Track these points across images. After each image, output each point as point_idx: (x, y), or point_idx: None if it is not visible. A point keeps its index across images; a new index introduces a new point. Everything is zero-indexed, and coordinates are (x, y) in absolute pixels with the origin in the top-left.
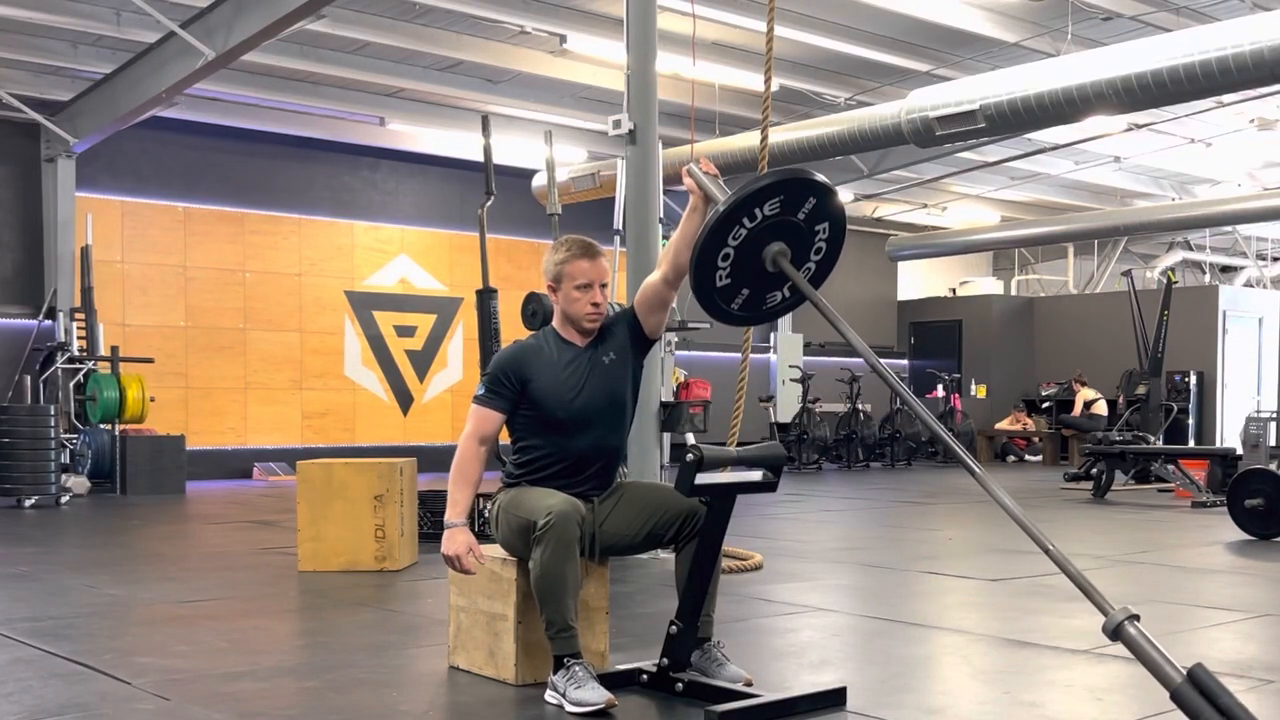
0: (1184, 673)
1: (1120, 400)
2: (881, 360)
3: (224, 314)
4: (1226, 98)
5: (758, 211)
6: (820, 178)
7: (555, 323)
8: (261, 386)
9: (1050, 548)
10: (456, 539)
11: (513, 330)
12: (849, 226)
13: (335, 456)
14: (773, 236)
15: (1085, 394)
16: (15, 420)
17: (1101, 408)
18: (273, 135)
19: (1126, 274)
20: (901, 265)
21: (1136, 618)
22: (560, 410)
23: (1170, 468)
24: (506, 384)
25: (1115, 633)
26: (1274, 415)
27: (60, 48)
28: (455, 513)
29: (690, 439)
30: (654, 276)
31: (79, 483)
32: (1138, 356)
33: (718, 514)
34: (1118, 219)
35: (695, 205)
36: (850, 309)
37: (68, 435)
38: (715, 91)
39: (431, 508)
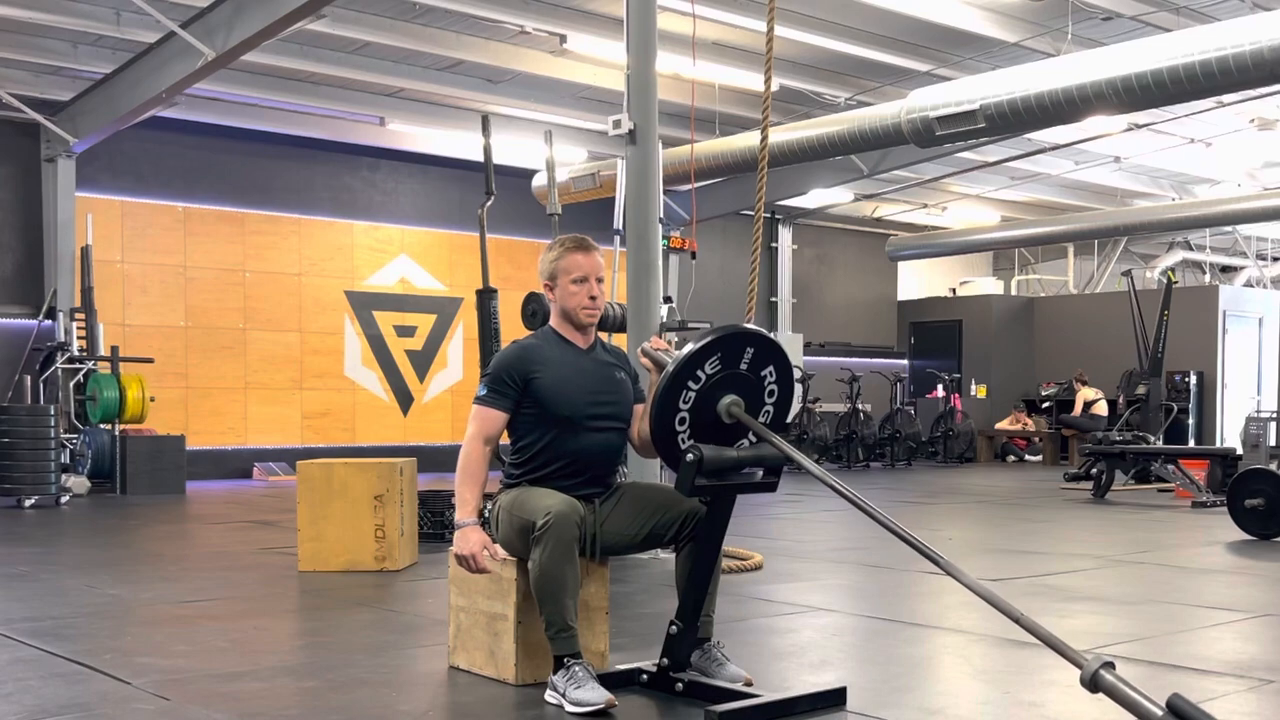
0: (1163, 707)
1: (1120, 400)
2: (882, 360)
3: (224, 314)
4: (1226, 98)
5: (700, 374)
6: (749, 328)
7: (553, 322)
8: (261, 386)
9: (1020, 616)
10: (470, 538)
11: (513, 330)
12: (849, 227)
13: (335, 456)
14: (724, 390)
15: (1085, 394)
16: (15, 420)
17: (1102, 408)
18: (273, 135)
19: (1126, 274)
20: (901, 265)
21: (1111, 665)
22: (564, 407)
23: (1170, 468)
24: (509, 384)
25: (1093, 682)
26: (1274, 415)
27: (60, 48)
28: (465, 512)
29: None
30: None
31: (79, 483)
32: (1138, 356)
33: (718, 514)
34: (1118, 219)
35: (653, 383)
36: (850, 309)
37: (68, 435)
38: (715, 91)
39: (431, 508)
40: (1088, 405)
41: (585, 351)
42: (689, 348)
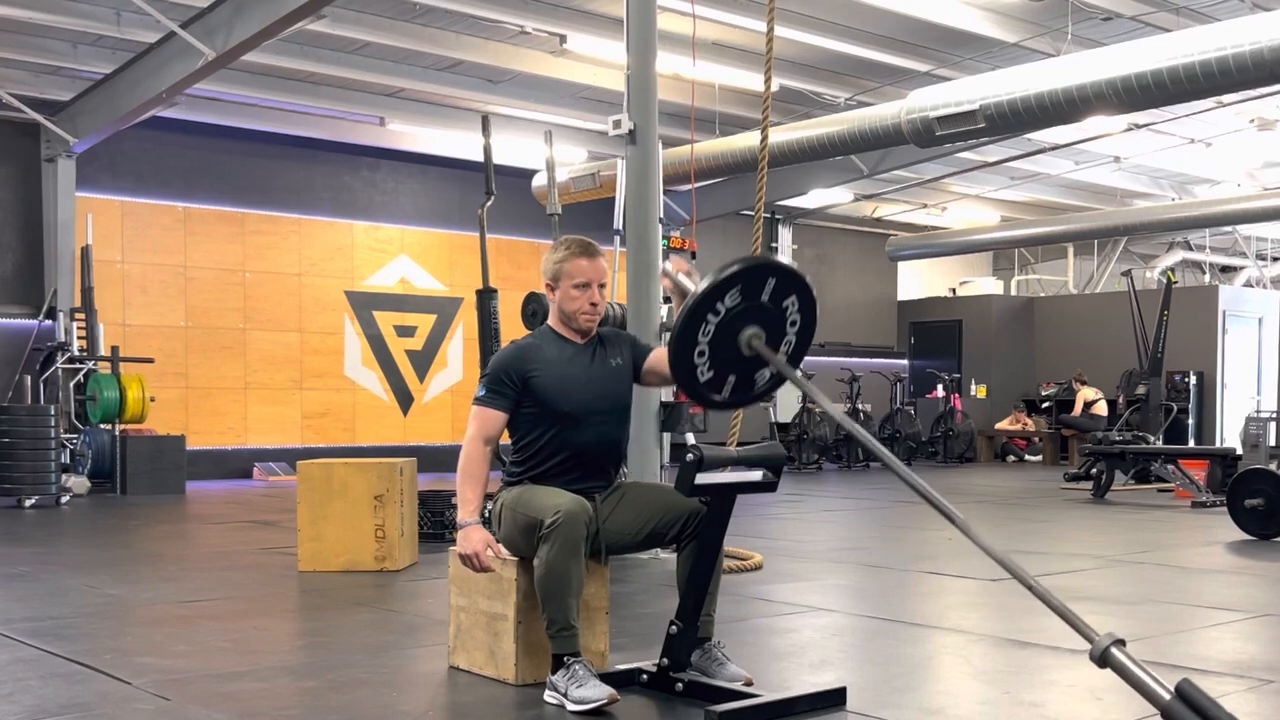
0: (1172, 690)
1: (1120, 400)
2: (882, 360)
3: (224, 314)
4: (1226, 98)
5: (720, 306)
6: (775, 260)
7: (552, 321)
8: (261, 386)
9: (1034, 584)
10: (472, 537)
11: (513, 330)
12: (849, 227)
13: (335, 456)
14: (745, 322)
15: (1086, 394)
16: (15, 420)
17: (1102, 408)
18: (273, 135)
19: (1126, 274)
20: (901, 265)
21: (1122, 642)
22: (564, 403)
23: (1170, 468)
24: (508, 383)
25: (1102, 658)
26: (1274, 415)
27: (60, 48)
28: (467, 511)
29: (690, 439)
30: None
31: (79, 483)
32: (1138, 356)
33: (718, 514)
34: (1118, 219)
35: (677, 304)
36: (850, 309)
37: (68, 435)
38: (715, 91)
39: (431, 508)
40: (1088, 405)
41: (583, 347)
42: (708, 280)
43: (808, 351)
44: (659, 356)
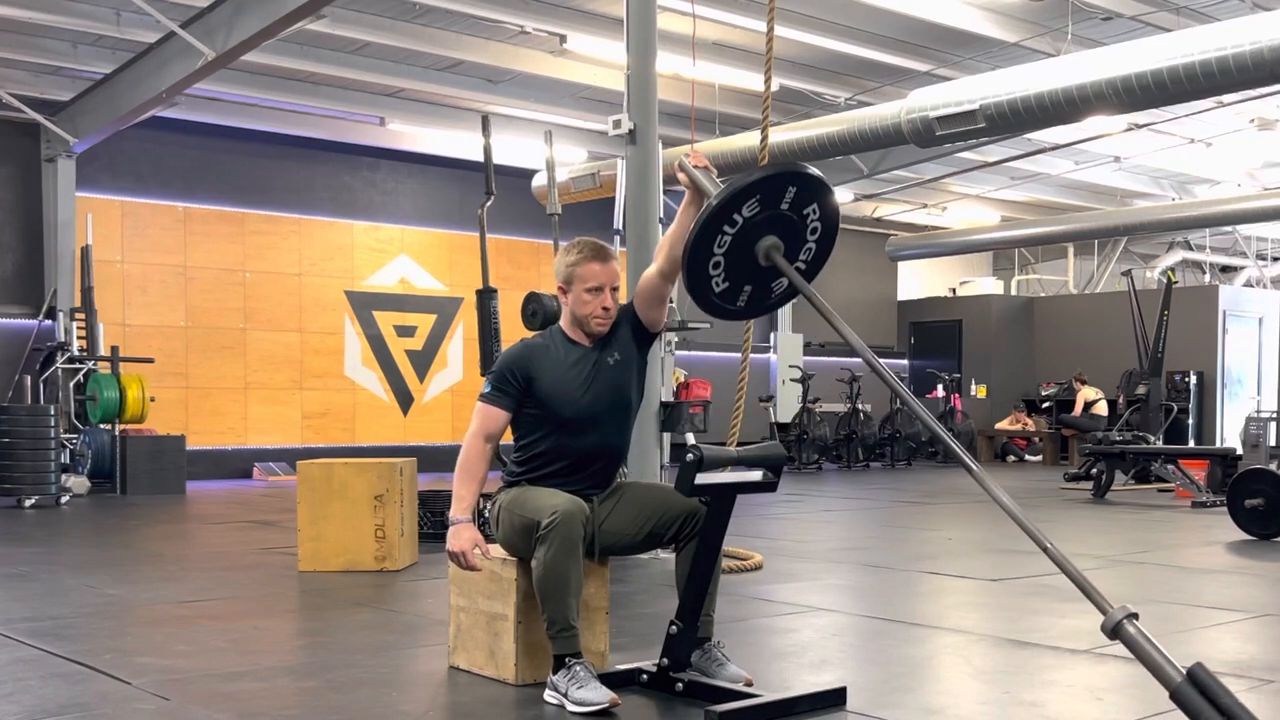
0: (1184, 672)
1: (1120, 400)
2: (881, 360)
3: (224, 314)
4: (1226, 98)
5: (738, 217)
6: (798, 166)
7: (563, 323)
8: (261, 386)
9: (1049, 546)
10: (462, 535)
11: (512, 330)
12: (848, 227)
13: (335, 456)
14: (763, 231)
15: (1086, 394)
16: (15, 420)
17: (1102, 408)
18: (273, 135)
19: (1126, 274)
20: (901, 265)
21: (1135, 616)
22: (566, 409)
23: (1170, 468)
24: (512, 382)
25: (1115, 631)
26: (1274, 415)
27: (60, 48)
28: (460, 509)
29: (690, 439)
30: (651, 270)
31: (79, 483)
32: (1138, 356)
33: (718, 514)
34: (1118, 219)
35: (690, 200)
36: (850, 309)
37: (68, 435)
38: (715, 91)
39: (431, 508)
40: (1088, 405)
41: (590, 350)
42: (725, 190)
43: (827, 260)
44: (645, 281)
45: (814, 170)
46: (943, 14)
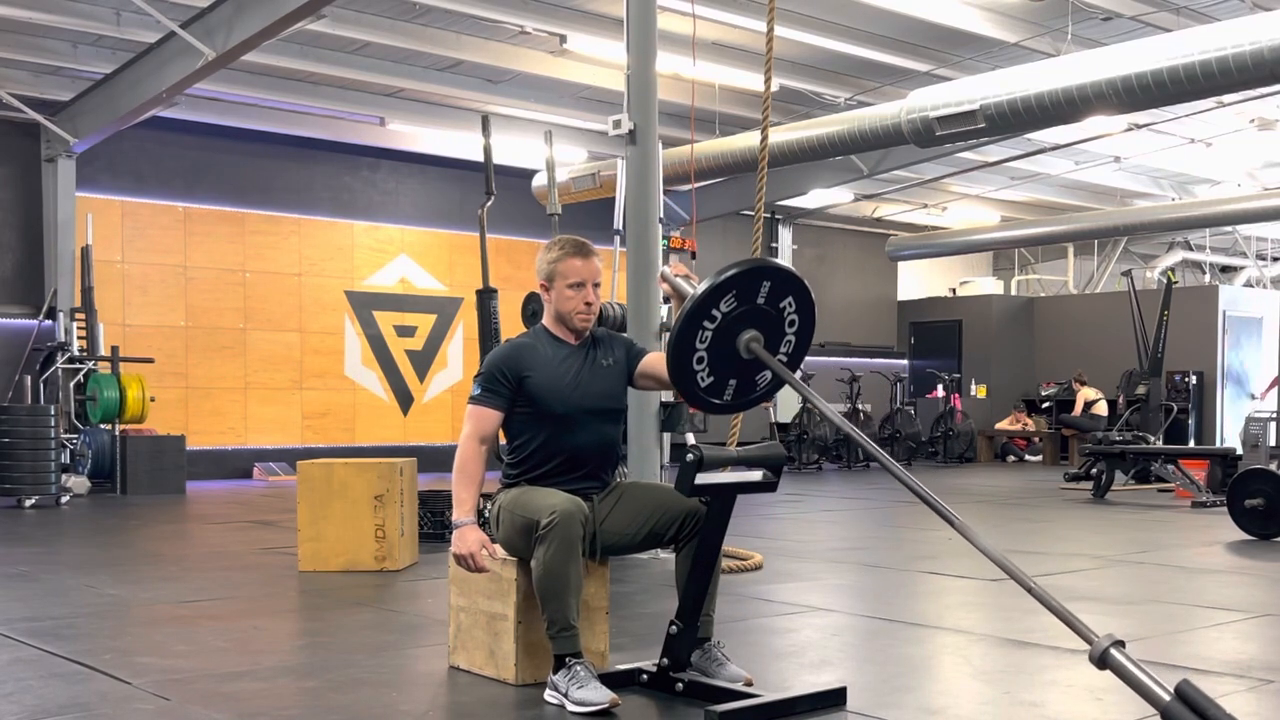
0: (1171, 691)
1: (1120, 400)
2: (882, 360)
3: (224, 314)
4: (1226, 98)
5: (716, 312)
6: (769, 261)
7: (546, 321)
8: (261, 386)
9: (1032, 585)
10: (468, 537)
11: (513, 330)
12: (848, 227)
13: (335, 456)
14: (743, 325)
15: (1086, 394)
16: (15, 420)
17: (1102, 408)
18: (273, 135)
19: (1126, 274)
20: (901, 265)
21: (1121, 644)
22: (558, 404)
23: (1170, 468)
24: (502, 381)
25: (1102, 660)
26: (1274, 415)
27: (60, 48)
28: (463, 511)
29: (690, 439)
30: (658, 363)
31: (79, 483)
32: (1138, 356)
33: (718, 514)
34: (1118, 219)
35: (676, 306)
36: (850, 309)
37: (68, 435)
38: (715, 91)
39: (431, 508)
40: (1088, 405)
41: (577, 348)
42: (702, 287)
43: (808, 350)
44: (654, 360)
45: (786, 265)
46: (943, 14)
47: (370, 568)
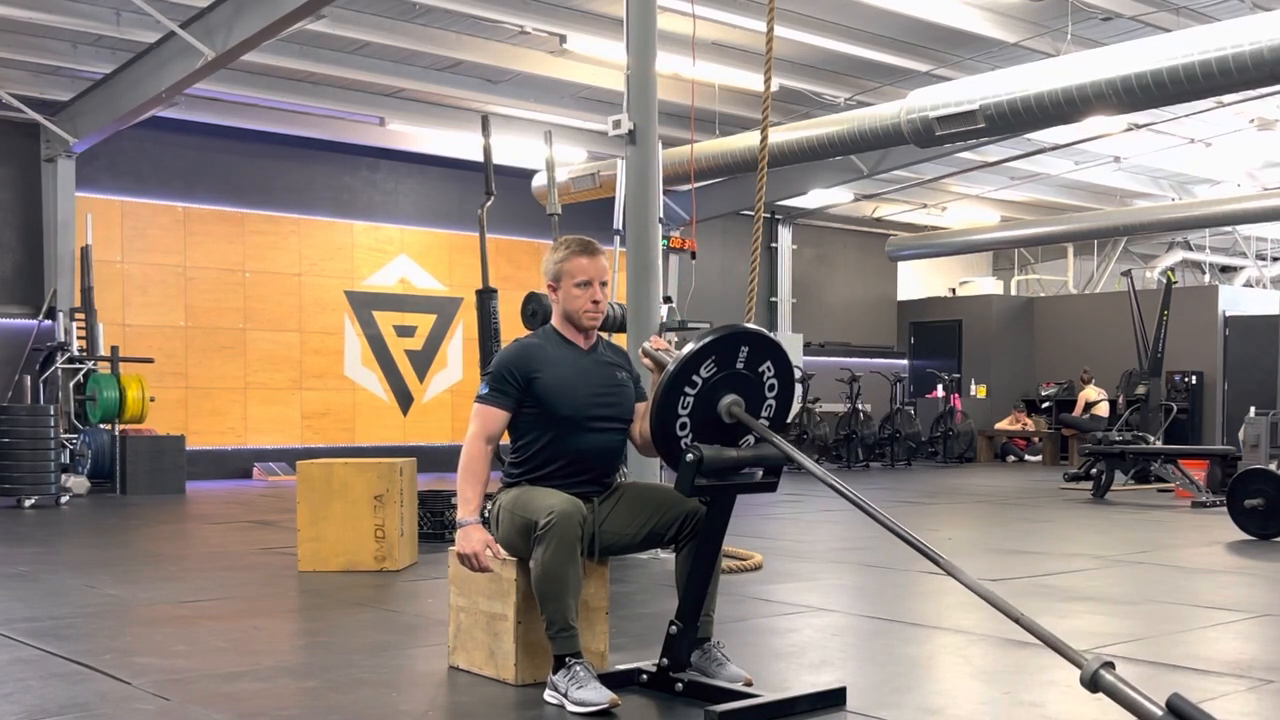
0: (1163, 707)
1: (1120, 400)
2: (882, 360)
3: (224, 314)
4: (1226, 98)
5: (697, 378)
6: (745, 327)
7: (555, 322)
8: (261, 386)
9: (1020, 615)
10: (472, 537)
11: (513, 330)
12: (848, 227)
13: (335, 456)
14: (723, 390)
15: (1088, 393)
16: (15, 420)
17: (1103, 409)
18: (273, 135)
19: (1126, 274)
20: (901, 265)
21: (1111, 664)
22: (565, 407)
23: (1170, 468)
24: (511, 382)
25: (1093, 682)
26: (1274, 415)
27: (60, 48)
28: (467, 511)
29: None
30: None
31: (79, 483)
32: (1138, 356)
33: (718, 514)
34: (1118, 219)
35: (654, 382)
36: (850, 309)
37: (68, 435)
38: (715, 91)
39: (431, 508)
40: (1088, 405)
41: (586, 351)
42: (681, 354)
43: (789, 413)
44: (643, 410)
45: (761, 330)
46: (943, 14)
47: (370, 568)
